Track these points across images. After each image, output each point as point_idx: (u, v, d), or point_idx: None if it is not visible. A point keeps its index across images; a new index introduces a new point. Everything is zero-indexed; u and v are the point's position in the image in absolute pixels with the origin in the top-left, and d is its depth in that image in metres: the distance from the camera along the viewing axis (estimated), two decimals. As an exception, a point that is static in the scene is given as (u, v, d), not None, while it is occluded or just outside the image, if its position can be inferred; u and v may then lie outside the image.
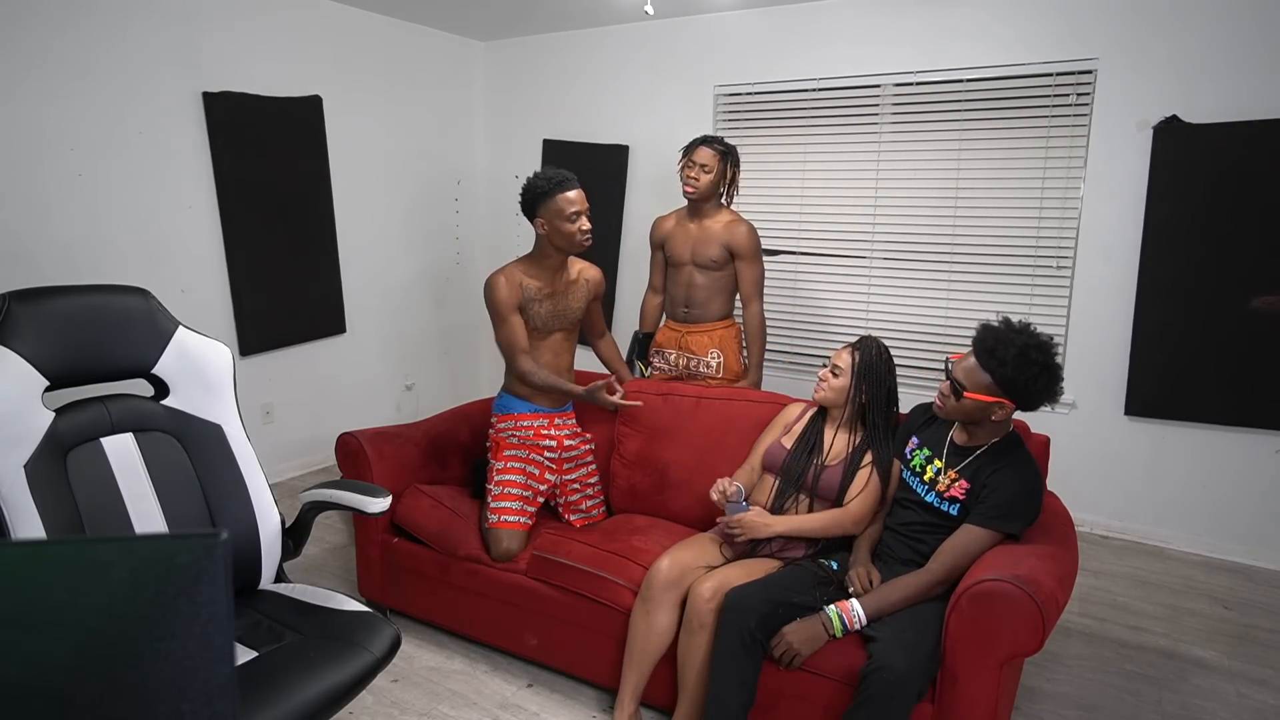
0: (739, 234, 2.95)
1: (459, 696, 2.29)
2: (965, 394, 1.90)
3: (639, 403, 2.59)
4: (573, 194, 2.37)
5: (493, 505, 2.42)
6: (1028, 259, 3.51)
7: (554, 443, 2.53)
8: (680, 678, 2.00)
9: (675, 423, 2.60)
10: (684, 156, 3.00)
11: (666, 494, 2.56)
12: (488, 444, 2.59)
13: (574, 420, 2.67)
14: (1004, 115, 3.48)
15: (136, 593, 0.60)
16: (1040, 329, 1.92)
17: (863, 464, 2.16)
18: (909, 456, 2.11)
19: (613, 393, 2.40)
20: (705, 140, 2.98)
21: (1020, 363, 1.83)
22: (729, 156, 2.98)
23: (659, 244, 3.15)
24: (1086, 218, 3.37)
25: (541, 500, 2.52)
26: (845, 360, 2.21)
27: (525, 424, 2.52)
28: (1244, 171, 3.04)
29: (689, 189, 2.96)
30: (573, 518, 2.58)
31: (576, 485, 2.61)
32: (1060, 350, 3.39)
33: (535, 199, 2.39)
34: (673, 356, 3.09)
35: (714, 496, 2.14)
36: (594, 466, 2.67)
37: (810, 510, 2.18)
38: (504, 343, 2.46)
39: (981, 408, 1.90)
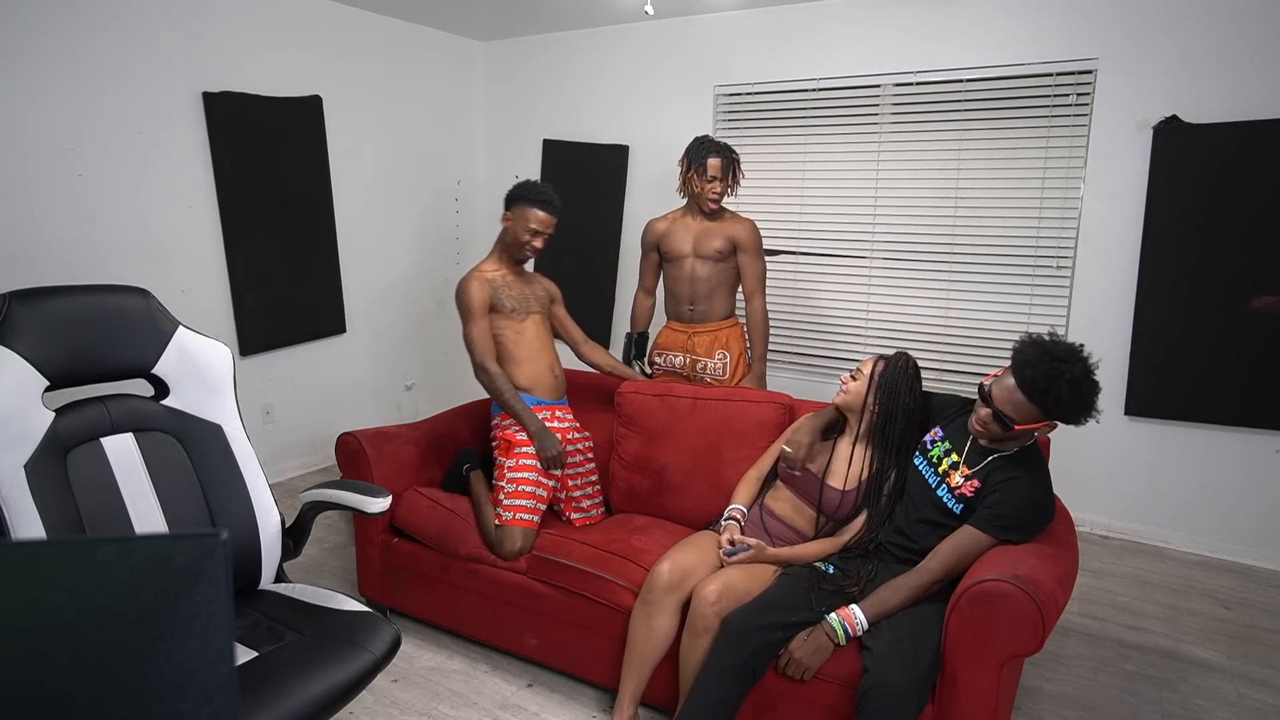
0: (743, 228, 2.99)
1: (459, 696, 2.29)
2: (1016, 427, 1.85)
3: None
4: (545, 216, 2.60)
5: (506, 503, 2.40)
6: (1028, 259, 3.51)
7: (558, 436, 2.53)
8: (682, 680, 2.00)
9: (673, 424, 2.59)
10: (691, 165, 2.95)
11: (665, 495, 2.56)
12: (493, 443, 2.58)
13: (571, 414, 2.68)
14: (1004, 115, 3.47)
15: (136, 593, 0.60)
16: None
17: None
18: (929, 445, 2.08)
19: (557, 465, 2.44)
20: (715, 150, 2.93)
21: (1074, 393, 1.78)
22: (735, 161, 2.97)
23: (652, 246, 3.13)
24: (1086, 218, 3.37)
25: (548, 499, 2.51)
26: (869, 368, 2.20)
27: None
28: (1244, 171, 3.04)
29: (712, 204, 2.95)
30: (574, 515, 2.58)
31: (578, 481, 2.61)
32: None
33: (518, 198, 2.61)
34: (679, 360, 3.06)
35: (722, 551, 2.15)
36: (594, 465, 2.67)
37: (815, 519, 2.19)
38: (474, 339, 2.53)
39: (1028, 433, 1.89)
